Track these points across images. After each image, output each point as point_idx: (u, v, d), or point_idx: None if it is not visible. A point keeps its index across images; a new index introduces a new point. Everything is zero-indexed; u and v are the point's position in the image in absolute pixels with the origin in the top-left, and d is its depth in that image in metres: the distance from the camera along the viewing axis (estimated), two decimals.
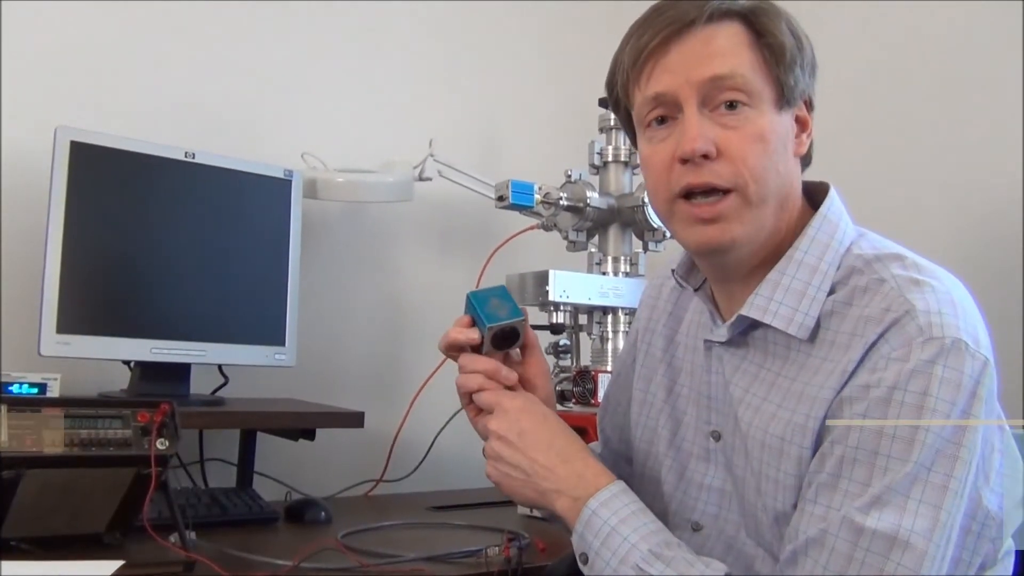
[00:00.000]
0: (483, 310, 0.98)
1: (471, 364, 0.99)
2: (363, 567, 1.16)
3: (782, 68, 0.88)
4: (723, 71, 0.86)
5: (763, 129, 0.87)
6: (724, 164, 0.86)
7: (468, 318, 1.00)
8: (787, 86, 0.88)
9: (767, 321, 0.89)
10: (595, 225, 1.75)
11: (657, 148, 0.91)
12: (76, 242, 1.48)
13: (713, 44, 0.87)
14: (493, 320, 0.98)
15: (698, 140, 0.86)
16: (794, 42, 0.89)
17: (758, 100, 0.87)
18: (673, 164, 0.88)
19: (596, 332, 1.72)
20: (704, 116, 0.87)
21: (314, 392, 1.85)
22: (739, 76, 0.86)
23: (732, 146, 0.86)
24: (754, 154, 0.86)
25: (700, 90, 0.87)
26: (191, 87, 1.83)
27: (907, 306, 0.81)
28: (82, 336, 1.48)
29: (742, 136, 0.86)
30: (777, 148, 0.88)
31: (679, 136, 0.88)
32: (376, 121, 2.05)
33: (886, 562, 0.75)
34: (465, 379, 1.00)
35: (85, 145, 1.50)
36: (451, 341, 1.00)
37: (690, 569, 0.83)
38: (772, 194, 0.88)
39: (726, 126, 0.87)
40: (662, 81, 0.89)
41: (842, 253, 0.91)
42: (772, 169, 0.87)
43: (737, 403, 0.93)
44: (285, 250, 1.70)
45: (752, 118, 0.87)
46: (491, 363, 0.99)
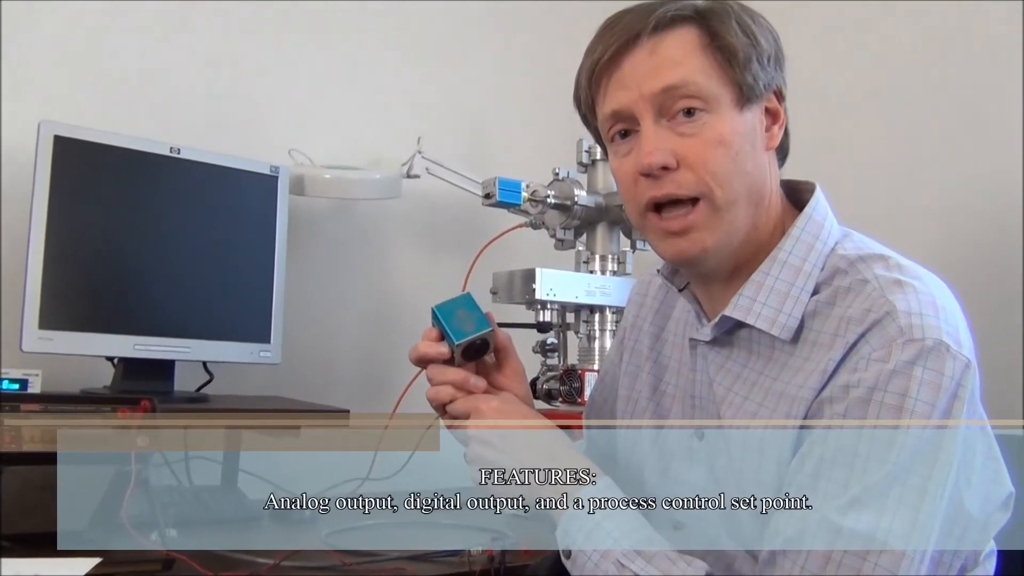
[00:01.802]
0: (449, 325, 0.97)
1: (440, 376, 0.99)
2: (345, 565, 1.16)
3: (737, 68, 0.87)
4: (674, 81, 0.86)
5: (723, 133, 0.86)
6: (686, 173, 0.86)
7: (436, 331, 0.99)
8: (746, 85, 0.87)
9: (750, 322, 0.89)
10: (583, 223, 1.75)
11: (622, 162, 0.91)
12: (59, 238, 1.47)
13: (662, 54, 0.87)
14: (461, 335, 0.97)
15: (654, 154, 0.86)
16: (747, 40, 0.88)
17: (715, 104, 0.87)
18: (637, 178, 0.88)
19: (583, 331, 1.72)
20: (662, 127, 0.87)
21: (301, 390, 1.84)
22: (691, 84, 0.86)
23: (692, 154, 0.86)
24: (715, 159, 0.86)
25: (654, 102, 0.87)
26: (178, 82, 1.81)
27: (888, 307, 0.81)
28: (65, 332, 1.46)
29: (701, 143, 0.86)
30: (742, 149, 0.87)
31: (638, 150, 0.88)
32: (364, 118, 2.04)
33: (863, 563, 0.75)
34: (436, 392, 0.99)
35: (69, 140, 1.49)
36: (420, 356, 0.99)
37: (671, 567, 0.83)
38: (741, 196, 0.87)
39: (684, 134, 0.86)
40: (617, 98, 0.89)
41: (826, 254, 0.90)
42: (738, 171, 0.87)
43: (720, 402, 0.92)
44: (271, 247, 1.69)
45: (711, 123, 0.86)
46: (460, 373, 0.98)
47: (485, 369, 1.02)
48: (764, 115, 0.91)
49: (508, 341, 1.03)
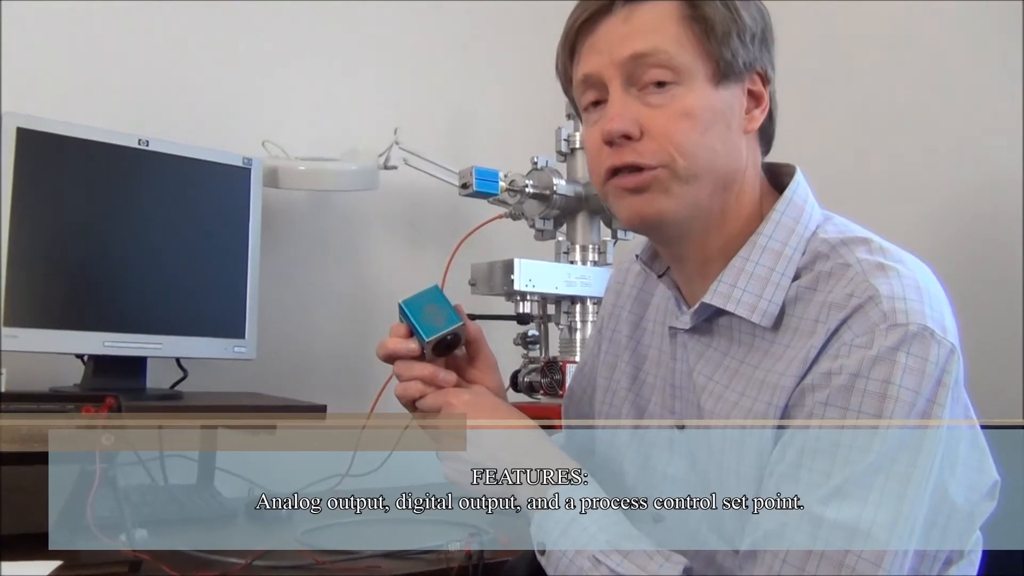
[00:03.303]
0: (418, 321, 0.94)
1: (408, 372, 0.96)
2: (318, 564, 1.13)
3: (715, 42, 0.84)
4: (644, 48, 0.84)
5: (691, 106, 0.84)
6: (648, 143, 0.84)
7: (405, 327, 0.96)
8: (724, 60, 0.85)
9: (730, 309, 0.87)
10: (562, 213, 1.73)
11: (591, 131, 0.89)
12: (24, 233, 1.42)
13: (636, 21, 0.85)
14: (430, 332, 0.94)
15: (616, 120, 0.84)
16: (728, 14, 0.85)
17: (688, 77, 0.84)
18: (602, 147, 0.86)
19: (564, 322, 1.70)
20: (630, 96, 0.85)
21: (278, 386, 1.80)
22: (662, 53, 0.84)
23: (656, 125, 0.84)
24: (680, 131, 0.83)
25: (623, 69, 0.85)
26: (146, 72, 1.77)
27: (871, 291, 0.79)
28: (31, 329, 1.42)
29: (667, 114, 0.84)
30: (712, 125, 0.85)
31: (604, 118, 0.86)
32: (339, 108, 2.00)
33: (846, 555, 0.73)
34: (404, 388, 0.96)
35: (33, 132, 1.44)
36: (389, 353, 0.96)
37: (649, 562, 0.81)
38: (706, 171, 0.85)
39: (651, 104, 0.84)
40: (589, 62, 0.87)
41: (807, 237, 0.88)
42: (704, 146, 0.84)
43: (700, 391, 0.90)
44: (245, 240, 1.66)
45: (679, 95, 0.84)
46: (428, 368, 0.96)
47: (456, 363, 1.00)
48: (745, 96, 0.88)
49: (479, 333, 1.00)
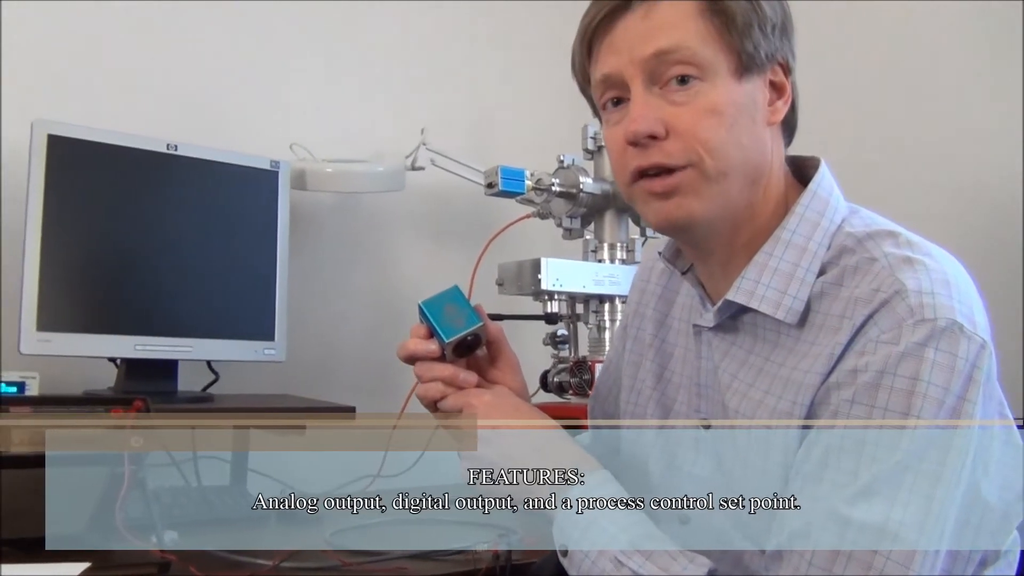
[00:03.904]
0: (438, 322, 0.94)
1: (428, 373, 0.96)
2: (345, 566, 1.13)
3: (736, 35, 0.83)
4: (666, 45, 0.82)
5: (716, 102, 0.82)
6: (675, 142, 0.82)
7: (425, 328, 0.96)
8: (746, 53, 0.83)
9: (754, 306, 0.85)
10: (590, 211, 1.71)
11: (613, 131, 0.87)
12: (56, 238, 1.45)
13: (655, 18, 0.83)
14: (450, 333, 0.93)
15: (640, 121, 0.82)
16: (748, 5, 0.83)
17: (711, 72, 0.82)
18: (626, 147, 0.85)
19: (593, 321, 1.69)
20: (653, 94, 0.83)
21: (308, 387, 1.81)
22: (685, 49, 0.82)
23: (682, 123, 0.82)
24: (707, 128, 0.82)
25: (644, 68, 0.83)
26: (175, 78, 1.79)
27: (898, 286, 0.77)
28: (64, 333, 1.44)
29: (692, 111, 0.82)
30: (737, 120, 0.83)
31: (627, 117, 0.84)
32: (366, 110, 2.01)
33: (874, 556, 0.71)
34: (425, 389, 0.96)
35: (63, 139, 1.47)
36: (410, 354, 0.96)
37: (672, 564, 0.79)
38: (734, 168, 0.83)
39: (675, 102, 0.82)
40: (608, 62, 0.85)
41: (832, 232, 0.86)
42: (731, 142, 0.83)
43: (725, 390, 0.89)
44: (273, 243, 1.67)
45: (704, 91, 0.82)
46: (448, 369, 0.95)
47: (478, 363, 0.99)
48: (768, 88, 0.87)
49: (500, 333, 0.99)
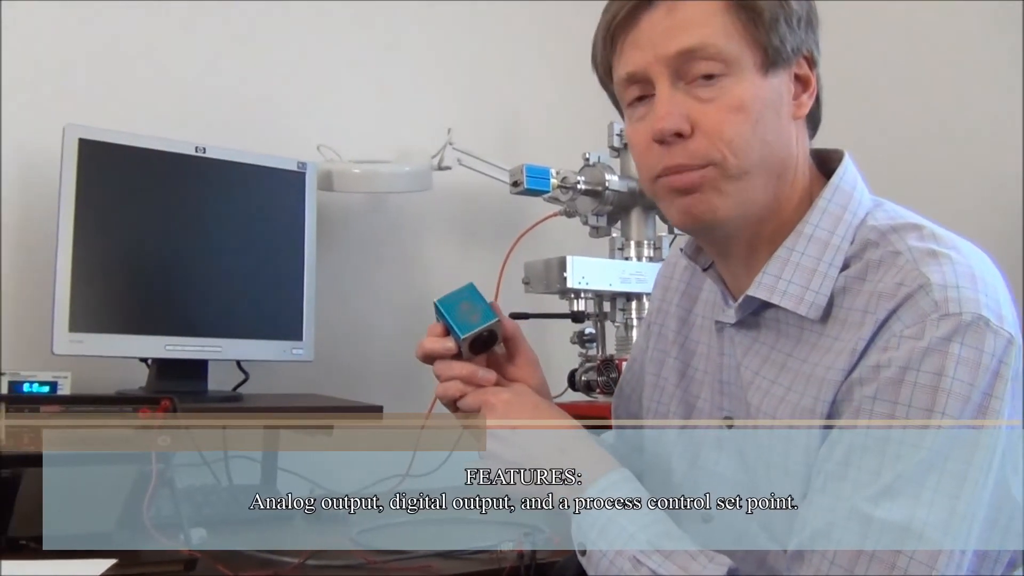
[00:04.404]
0: (454, 319, 0.93)
1: (447, 371, 0.95)
2: (369, 564, 1.13)
3: (762, 29, 0.81)
4: (691, 44, 0.81)
5: (742, 98, 0.81)
6: (699, 140, 0.81)
7: (441, 326, 0.95)
8: (771, 48, 0.82)
9: (775, 301, 0.84)
10: (616, 209, 1.70)
11: (637, 128, 0.86)
12: (87, 240, 1.47)
13: (680, 14, 0.82)
14: (466, 329, 0.93)
15: (666, 119, 0.81)
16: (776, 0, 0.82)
17: (736, 68, 0.81)
18: (651, 144, 0.83)
19: (620, 319, 1.68)
20: (678, 91, 0.82)
21: (337, 387, 1.82)
22: (711, 47, 0.81)
23: (707, 120, 0.81)
24: (732, 125, 0.81)
25: (670, 65, 0.82)
26: (203, 81, 1.81)
27: (922, 280, 0.75)
28: (95, 334, 1.47)
29: (718, 108, 0.81)
30: (763, 115, 0.82)
31: (652, 115, 0.83)
32: (392, 111, 2.01)
33: (897, 556, 0.69)
34: (444, 388, 0.96)
35: (93, 142, 1.49)
36: (426, 352, 0.96)
37: (691, 563, 0.79)
38: (758, 165, 0.82)
39: (701, 99, 0.81)
40: (632, 59, 0.84)
41: (856, 225, 0.85)
42: (756, 139, 0.81)
43: (747, 386, 0.88)
44: (300, 243, 1.68)
45: (730, 87, 0.81)
46: (466, 367, 0.94)
47: (496, 360, 0.98)
48: (793, 82, 0.85)
49: (516, 330, 0.99)
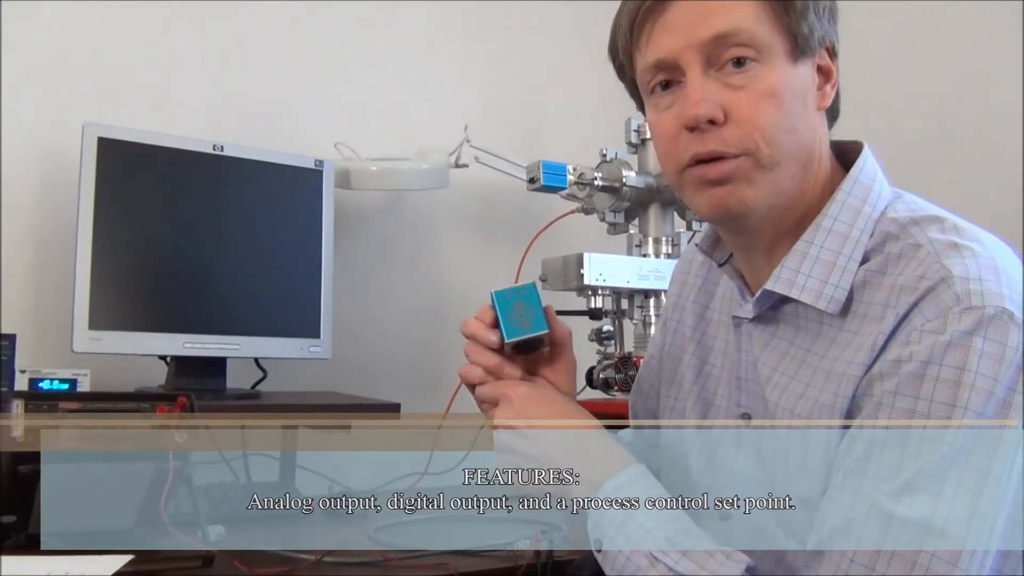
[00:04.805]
0: (504, 318, 0.92)
1: (475, 356, 0.94)
2: (385, 561, 1.13)
3: (793, 16, 0.80)
4: (726, 28, 0.79)
5: (774, 85, 0.79)
6: (732, 128, 0.79)
7: (492, 316, 0.94)
8: (800, 35, 0.81)
9: (794, 295, 0.83)
10: (634, 205, 1.69)
11: (663, 116, 0.84)
12: (106, 239, 1.48)
13: None
14: (513, 334, 0.92)
15: (701, 105, 0.79)
16: None
17: (768, 54, 0.80)
18: (680, 133, 0.82)
19: (638, 316, 1.66)
20: (709, 77, 0.80)
21: (354, 385, 1.82)
22: (744, 31, 0.79)
23: (740, 108, 0.79)
24: (765, 113, 0.79)
25: (703, 51, 0.80)
26: (220, 80, 1.82)
27: (943, 273, 0.74)
28: (115, 332, 1.48)
29: (751, 95, 0.79)
30: (793, 105, 0.80)
31: (683, 102, 0.81)
32: (409, 108, 2.02)
33: (919, 553, 0.68)
34: (467, 370, 0.95)
35: (113, 141, 1.50)
36: (470, 333, 0.95)
37: (709, 561, 0.78)
38: (789, 156, 0.81)
39: (733, 86, 0.80)
40: (662, 45, 0.82)
41: (876, 218, 0.83)
42: (787, 128, 0.80)
43: (765, 383, 0.86)
44: (318, 241, 1.69)
45: (761, 74, 0.80)
46: (494, 359, 0.93)
47: (536, 360, 0.97)
48: (816, 73, 0.84)
49: (566, 337, 0.96)
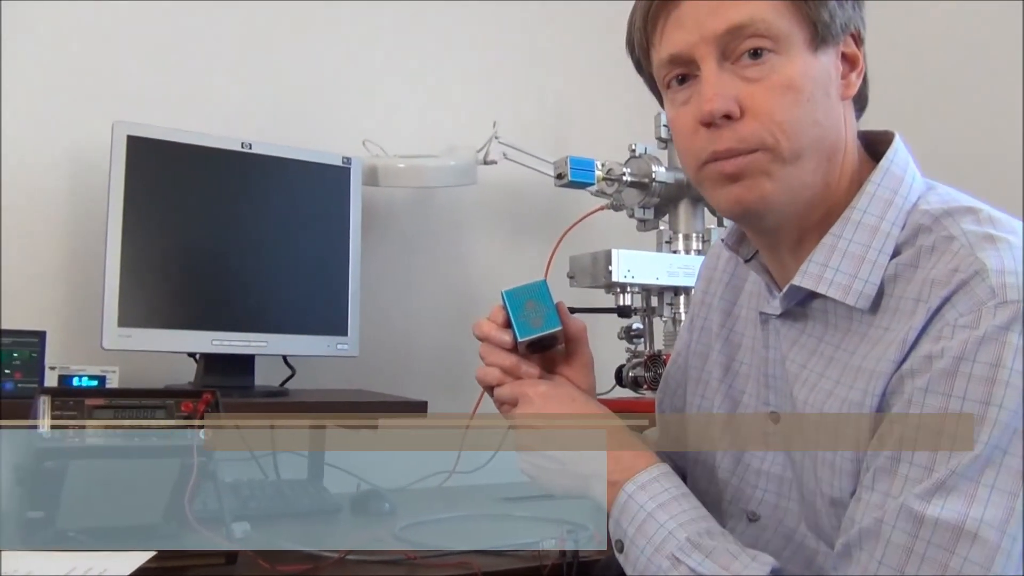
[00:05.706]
0: (516, 317, 0.90)
1: (490, 357, 0.93)
2: (409, 559, 1.12)
3: (812, 4, 0.78)
4: (740, 19, 0.77)
5: (792, 76, 0.77)
6: (749, 123, 0.77)
7: (504, 316, 0.92)
8: (821, 23, 0.78)
9: (821, 291, 0.80)
10: (663, 201, 1.67)
11: (680, 112, 0.82)
12: (136, 236, 1.49)
13: None
14: (525, 332, 0.90)
15: (715, 100, 0.77)
16: None
17: (786, 44, 0.77)
18: (697, 128, 0.80)
19: (668, 313, 1.64)
20: (725, 70, 0.78)
21: (382, 383, 1.83)
22: (759, 22, 0.77)
23: (757, 101, 0.77)
24: (783, 106, 0.77)
25: (717, 44, 0.78)
26: (248, 78, 1.83)
27: (978, 265, 0.71)
28: (144, 329, 1.49)
29: (768, 88, 0.77)
30: (814, 95, 0.78)
31: (698, 97, 0.79)
32: (437, 105, 2.01)
33: (951, 556, 0.65)
34: (484, 372, 0.93)
35: (142, 139, 1.51)
36: (482, 335, 0.93)
37: (732, 562, 0.75)
38: (810, 148, 0.78)
39: (749, 79, 0.77)
40: (675, 40, 0.80)
41: (907, 210, 0.80)
42: (807, 120, 0.78)
43: (793, 380, 0.84)
44: (346, 238, 1.68)
45: (779, 66, 0.77)
46: (510, 359, 0.92)
47: (551, 358, 0.95)
48: (840, 60, 0.82)
49: (582, 333, 0.95)
